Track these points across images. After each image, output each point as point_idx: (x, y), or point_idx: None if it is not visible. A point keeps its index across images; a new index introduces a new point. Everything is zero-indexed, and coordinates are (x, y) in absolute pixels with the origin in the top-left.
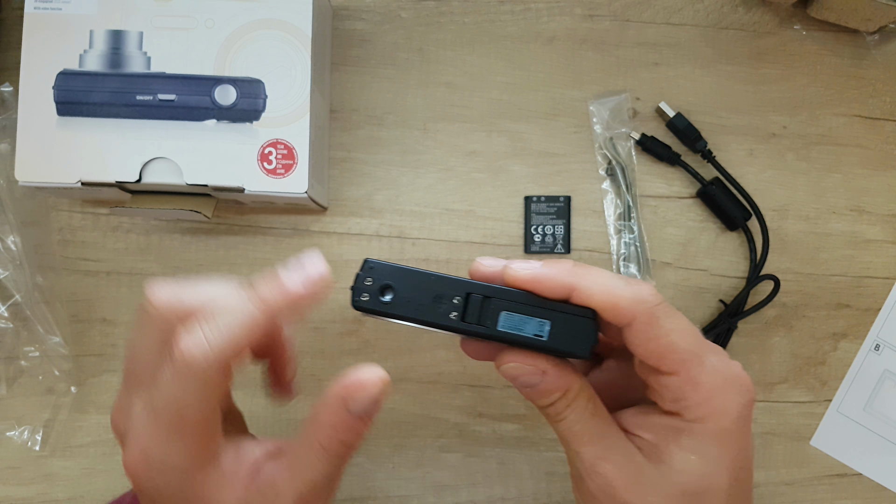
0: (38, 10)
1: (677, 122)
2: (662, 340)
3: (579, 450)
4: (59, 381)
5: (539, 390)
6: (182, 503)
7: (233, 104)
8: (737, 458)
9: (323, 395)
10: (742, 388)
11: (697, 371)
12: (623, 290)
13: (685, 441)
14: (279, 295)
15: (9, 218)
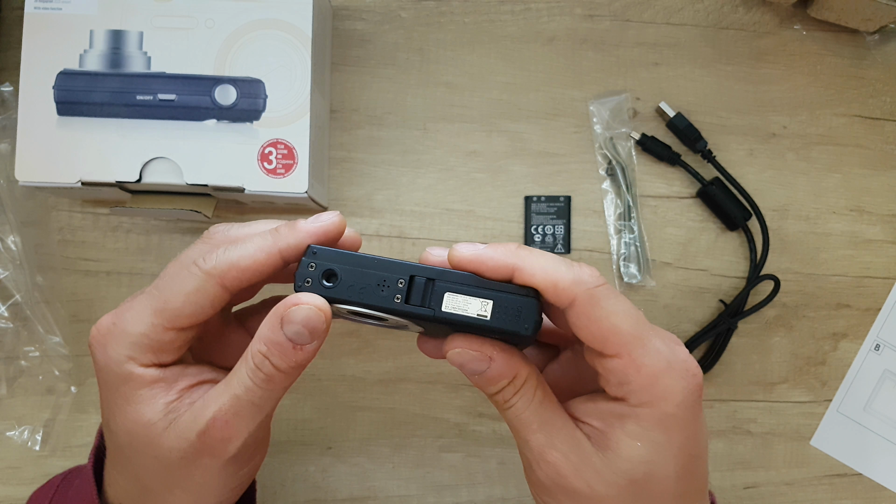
0: (38, 10)
1: (677, 122)
2: (604, 322)
3: (528, 437)
4: (59, 381)
5: (487, 377)
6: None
7: (233, 104)
8: (685, 446)
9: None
10: (687, 372)
11: (640, 353)
12: (563, 271)
13: (630, 427)
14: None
15: (9, 218)
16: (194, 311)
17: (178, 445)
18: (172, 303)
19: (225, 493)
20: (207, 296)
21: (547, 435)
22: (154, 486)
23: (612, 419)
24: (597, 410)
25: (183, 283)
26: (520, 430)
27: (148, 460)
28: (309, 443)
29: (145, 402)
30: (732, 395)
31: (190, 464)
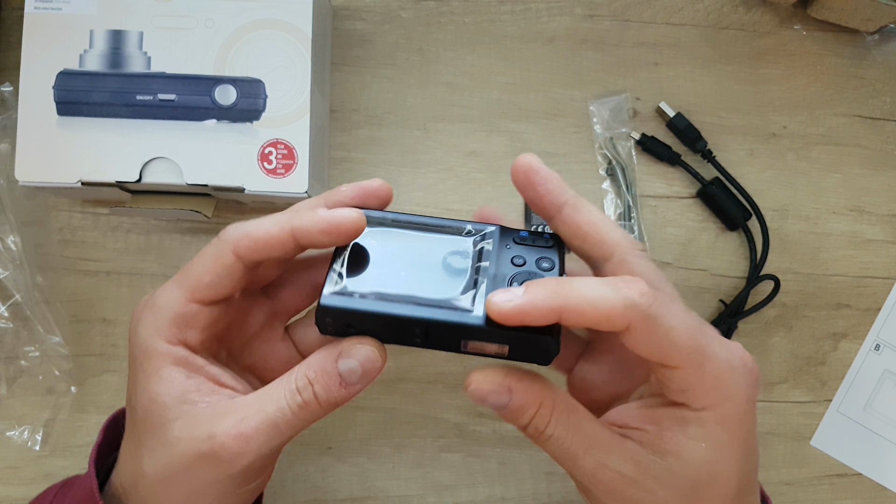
0: (38, 10)
1: (677, 122)
2: (663, 341)
3: (576, 465)
4: (59, 381)
5: (511, 410)
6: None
7: (233, 104)
8: (746, 441)
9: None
10: (746, 370)
11: (702, 361)
12: (613, 299)
13: (693, 430)
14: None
15: (9, 218)
16: (212, 279)
17: (184, 436)
18: (192, 272)
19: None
20: (222, 264)
21: (595, 457)
22: (151, 472)
23: (669, 423)
24: (651, 416)
25: (202, 253)
26: (565, 460)
27: (154, 442)
28: (309, 443)
29: (164, 381)
30: None
31: (191, 462)
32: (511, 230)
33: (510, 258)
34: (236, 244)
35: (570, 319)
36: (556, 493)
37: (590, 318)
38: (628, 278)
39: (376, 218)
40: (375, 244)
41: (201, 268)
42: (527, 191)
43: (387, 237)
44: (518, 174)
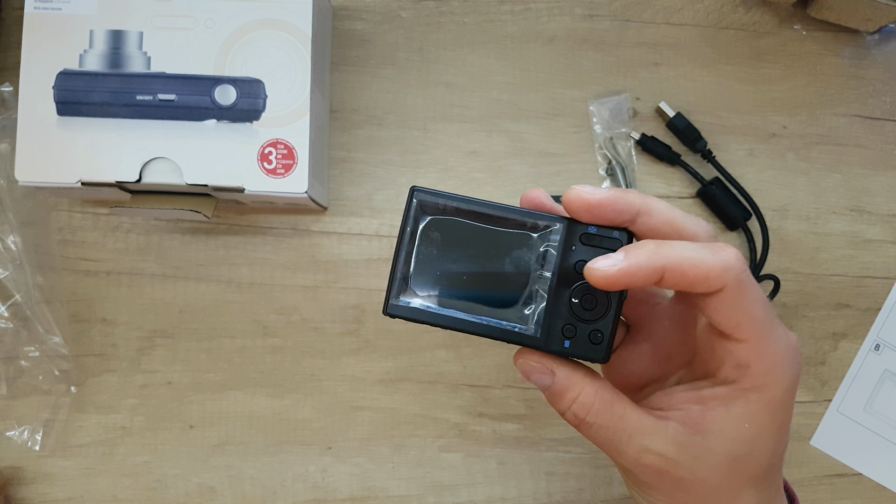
0: (38, 10)
1: (677, 122)
2: (746, 308)
3: (619, 452)
4: (59, 381)
5: (552, 392)
6: None
7: (233, 104)
8: (783, 425)
9: None
10: (797, 359)
11: (767, 341)
12: (712, 260)
13: (738, 410)
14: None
15: (9, 218)
16: None
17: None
18: None
19: None
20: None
21: (638, 442)
22: None
23: (714, 402)
24: (696, 397)
25: None
26: (608, 447)
27: None
28: (309, 443)
29: None
30: None
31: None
32: (578, 225)
33: (574, 264)
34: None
35: (670, 279)
36: (556, 493)
37: (689, 278)
38: (722, 244)
39: (440, 204)
40: (439, 239)
41: None
42: (600, 221)
43: (450, 231)
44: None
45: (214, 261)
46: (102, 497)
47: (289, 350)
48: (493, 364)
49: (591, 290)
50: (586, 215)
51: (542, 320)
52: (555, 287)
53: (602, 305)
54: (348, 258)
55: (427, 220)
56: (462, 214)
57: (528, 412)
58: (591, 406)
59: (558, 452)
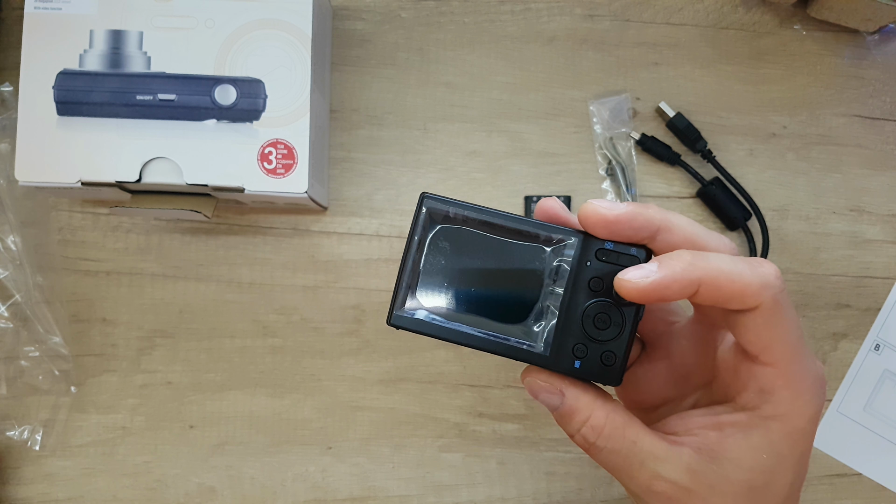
0: (38, 10)
1: (677, 122)
2: (779, 330)
3: (630, 478)
4: (59, 380)
5: (561, 414)
6: None
7: (233, 104)
8: (804, 455)
9: None
10: (822, 389)
11: (796, 368)
12: (750, 275)
13: (755, 439)
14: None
15: (9, 218)
16: None
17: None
18: None
19: None
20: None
21: (650, 468)
22: None
23: (731, 429)
24: (714, 422)
25: None
26: (619, 472)
27: None
28: (309, 443)
29: None
30: None
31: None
32: (594, 240)
33: (588, 281)
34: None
35: (706, 293)
36: (556, 493)
37: (725, 292)
38: (761, 259)
39: (451, 213)
40: (448, 248)
41: None
42: (617, 238)
43: (460, 241)
44: (597, 229)
45: (214, 261)
46: (102, 497)
47: (289, 350)
48: (493, 364)
49: (605, 308)
50: (603, 231)
51: (553, 338)
52: (567, 304)
53: (616, 325)
54: (348, 258)
55: (436, 228)
56: (473, 224)
57: (528, 412)
58: (601, 430)
59: (558, 452)
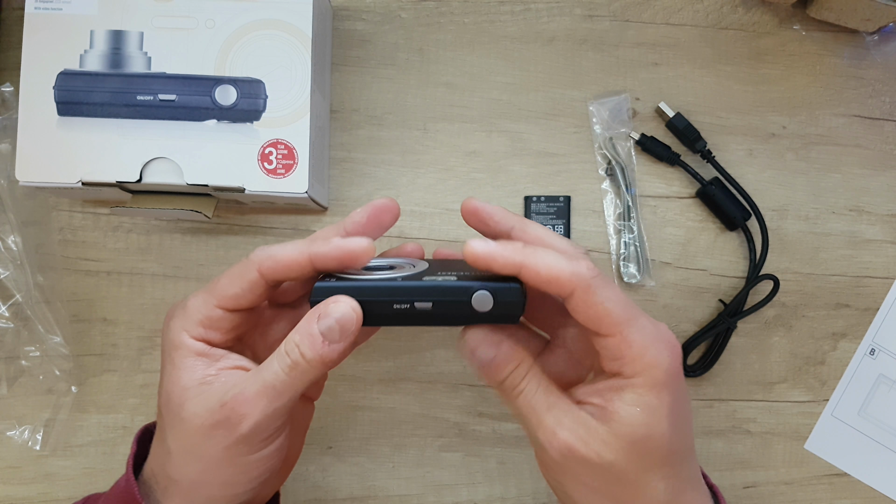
0: (39, 10)
1: (677, 122)
2: (599, 307)
3: (540, 420)
4: (59, 380)
5: (496, 363)
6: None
7: (233, 104)
8: (673, 407)
9: None
10: (669, 344)
11: (630, 331)
12: (564, 266)
13: (628, 396)
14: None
15: (9, 218)
16: (236, 292)
17: (199, 411)
18: (220, 283)
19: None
20: (247, 279)
21: (556, 417)
22: (174, 449)
23: (610, 394)
24: (596, 390)
25: (231, 268)
26: (530, 415)
27: (175, 421)
28: (309, 443)
29: (186, 369)
30: (732, 395)
31: (206, 432)
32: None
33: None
34: (260, 264)
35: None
36: None
37: (543, 278)
38: (581, 256)
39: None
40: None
41: (228, 281)
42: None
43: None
44: (469, 217)
45: (215, 261)
46: None
47: None
48: None
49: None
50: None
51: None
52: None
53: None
54: None
55: None
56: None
57: None
58: (526, 374)
59: None
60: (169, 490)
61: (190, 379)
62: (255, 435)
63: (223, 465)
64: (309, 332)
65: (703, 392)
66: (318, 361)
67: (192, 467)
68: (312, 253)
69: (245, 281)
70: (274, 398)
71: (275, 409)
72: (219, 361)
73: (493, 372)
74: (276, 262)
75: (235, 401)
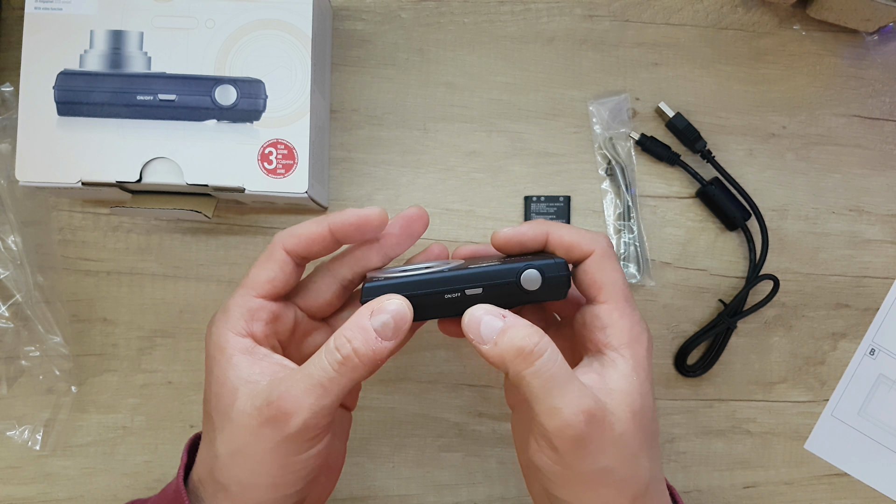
0: (39, 10)
1: (677, 122)
2: (607, 274)
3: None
4: (59, 380)
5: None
6: (212, 354)
7: (233, 104)
8: (647, 388)
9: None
10: (647, 328)
11: (624, 305)
12: (585, 234)
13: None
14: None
15: (9, 218)
16: (268, 275)
17: (248, 410)
18: (252, 273)
19: (282, 477)
20: (274, 260)
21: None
22: (222, 452)
23: (605, 369)
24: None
25: (258, 259)
26: (547, 391)
27: (224, 422)
28: None
29: (233, 367)
30: (732, 395)
31: (255, 430)
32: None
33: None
34: (284, 242)
35: (553, 241)
36: None
37: (566, 241)
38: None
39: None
40: None
41: (258, 268)
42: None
43: None
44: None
45: (215, 261)
46: (103, 497)
47: None
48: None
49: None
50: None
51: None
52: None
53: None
54: None
55: None
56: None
57: None
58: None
59: None
60: (218, 496)
61: (237, 378)
62: (302, 433)
63: (271, 465)
64: (362, 326)
65: (702, 392)
66: (369, 357)
67: (240, 469)
68: (331, 222)
69: (273, 262)
70: (322, 395)
71: (322, 407)
72: (263, 360)
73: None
74: (298, 237)
75: (283, 398)
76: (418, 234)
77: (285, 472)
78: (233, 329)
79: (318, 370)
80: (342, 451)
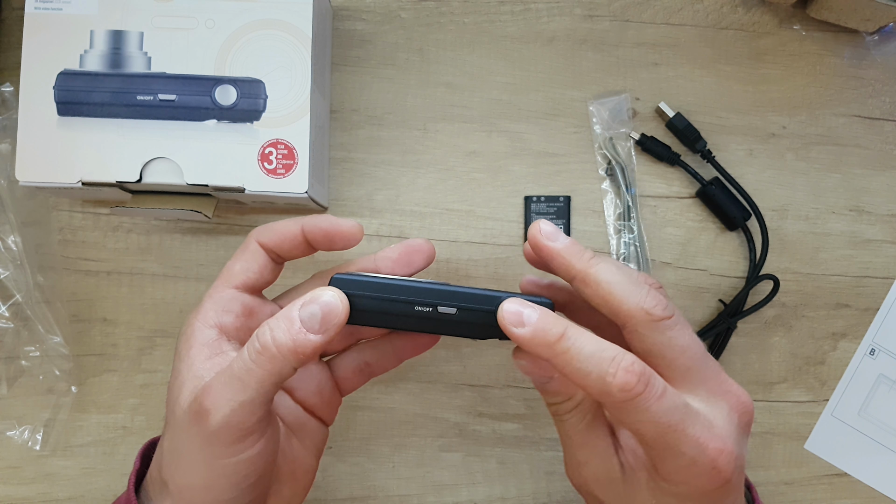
0: (39, 10)
1: (677, 122)
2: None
3: (574, 451)
4: (59, 380)
5: (548, 390)
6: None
7: (233, 104)
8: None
9: None
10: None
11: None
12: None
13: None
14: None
15: (9, 218)
16: (241, 265)
17: (183, 405)
18: (227, 265)
19: (213, 480)
20: (247, 251)
21: (586, 453)
22: (165, 447)
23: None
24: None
25: (238, 249)
26: (567, 442)
27: (169, 417)
28: None
29: (187, 361)
30: None
31: (185, 428)
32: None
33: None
34: (258, 235)
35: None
36: (556, 492)
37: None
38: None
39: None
40: None
41: (233, 260)
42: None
43: None
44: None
45: (215, 261)
46: (103, 497)
47: None
48: (493, 364)
49: None
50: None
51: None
52: None
53: None
54: (348, 258)
55: None
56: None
57: (528, 412)
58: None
59: (558, 452)
60: (162, 494)
61: (188, 372)
62: (224, 432)
63: (201, 465)
64: (287, 315)
65: None
66: (289, 349)
67: (175, 468)
68: (304, 223)
69: (248, 253)
70: (239, 389)
71: (240, 403)
72: (220, 356)
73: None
74: (271, 232)
75: (203, 393)
76: (418, 267)
77: (215, 474)
78: (202, 320)
79: (237, 362)
80: (311, 465)
